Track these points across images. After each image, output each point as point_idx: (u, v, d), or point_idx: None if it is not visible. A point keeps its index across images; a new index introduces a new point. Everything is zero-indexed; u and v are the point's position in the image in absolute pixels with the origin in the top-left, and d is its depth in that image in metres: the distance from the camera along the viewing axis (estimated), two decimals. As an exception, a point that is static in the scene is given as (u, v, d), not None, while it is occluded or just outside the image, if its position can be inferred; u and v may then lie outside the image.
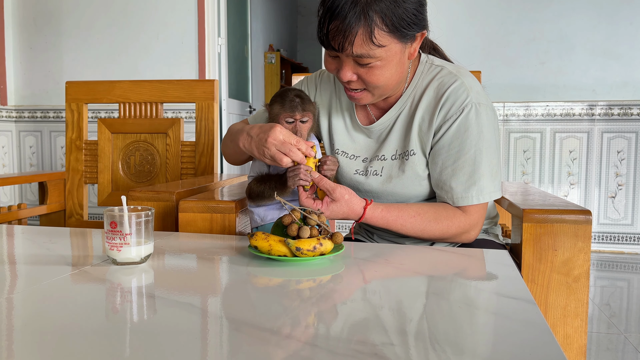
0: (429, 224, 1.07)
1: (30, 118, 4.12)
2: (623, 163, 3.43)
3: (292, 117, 1.08)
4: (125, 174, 1.90)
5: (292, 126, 1.08)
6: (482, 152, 1.07)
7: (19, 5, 4.04)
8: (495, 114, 1.11)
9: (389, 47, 0.98)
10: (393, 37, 0.98)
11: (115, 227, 0.85)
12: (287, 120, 1.08)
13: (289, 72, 6.69)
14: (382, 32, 0.96)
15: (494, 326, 0.64)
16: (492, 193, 1.08)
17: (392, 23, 0.96)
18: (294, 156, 1.00)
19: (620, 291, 2.76)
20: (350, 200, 1.03)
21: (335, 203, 1.03)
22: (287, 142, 1.00)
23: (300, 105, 1.08)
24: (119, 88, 1.91)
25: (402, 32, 0.98)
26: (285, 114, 1.08)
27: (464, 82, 1.08)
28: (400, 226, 1.08)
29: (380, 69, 1.01)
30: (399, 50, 1.01)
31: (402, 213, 1.07)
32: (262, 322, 0.62)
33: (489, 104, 1.09)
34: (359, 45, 0.96)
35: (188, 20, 3.83)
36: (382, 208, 1.07)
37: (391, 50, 0.99)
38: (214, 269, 0.89)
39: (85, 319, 0.63)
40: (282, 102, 1.08)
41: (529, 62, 3.48)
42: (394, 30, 0.97)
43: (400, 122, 1.14)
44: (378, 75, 1.02)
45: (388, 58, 1.00)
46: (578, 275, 1.05)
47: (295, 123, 1.08)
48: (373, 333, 0.59)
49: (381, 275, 0.85)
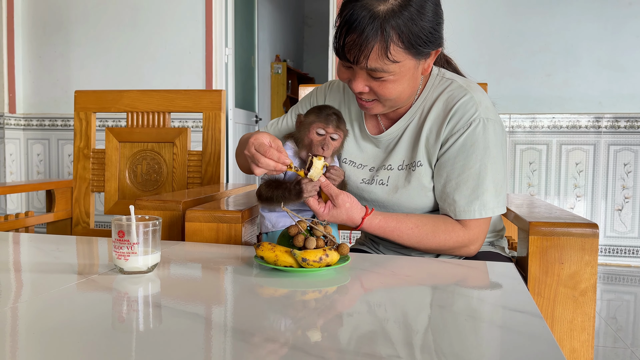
0: (426, 236, 1.08)
1: (38, 126, 4.15)
2: (630, 176, 3.41)
3: (325, 130, 1.08)
4: (132, 182, 1.91)
5: (322, 138, 1.08)
6: (487, 167, 1.07)
7: (28, 15, 4.09)
8: (503, 130, 1.11)
9: (403, 63, 0.99)
10: (408, 53, 0.98)
11: (123, 236, 0.85)
12: (319, 132, 1.08)
13: (295, 82, 6.71)
14: (398, 48, 0.96)
15: (500, 339, 0.64)
16: (495, 209, 1.08)
17: (408, 40, 0.96)
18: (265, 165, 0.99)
19: (627, 305, 2.74)
20: (350, 209, 1.05)
21: (336, 209, 1.05)
22: (257, 154, 0.99)
23: (336, 121, 1.09)
24: (126, 97, 1.92)
25: (417, 49, 0.99)
26: (318, 124, 1.08)
27: (474, 97, 1.08)
28: (397, 237, 1.09)
29: (392, 82, 1.02)
30: (412, 66, 1.02)
31: (400, 224, 1.08)
32: (268, 333, 0.62)
33: (497, 119, 1.09)
34: (374, 59, 0.97)
35: (196, 30, 3.86)
36: (380, 218, 1.08)
37: (405, 66, 1.00)
38: (220, 279, 0.90)
39: (91, 327, 0.63)
40: (319, 113, 1.09)
41: (535, 74, 3.48)
42: (409, 47, 0.97)
43: (408, 132, 1.14)
44: (390, 89, 1.02)
45: (401, 73, 1.01)
46: (585, 288, 1.04)
47: (325, 136, 1.08)
48: (379, 345, 0.59)
49: (387, 287, 0.85)
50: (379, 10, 0.94)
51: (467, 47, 3.52)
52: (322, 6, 7.08)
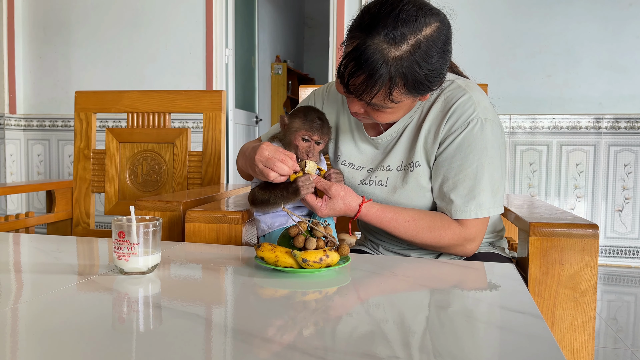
0: (422, 230, 1.08)
1: (38, 127, 4.15)
2: (630, 176, 3.41)
3: (310, 137, 1.09)
4: (132, 183, 1.91)
5: (307, 145, 1.10)
6: (484, 168, 1.07)
7: (29, 16, 4.09)
8: (502, 131, 1.11)
9: (403, 102, 1.01)
10: (409, 95, 1.00)
11: (123, 236, 0.85)
12: (304, 138, 1.09)
13: (295, 83, 6.72)
14: (400, 92, 0.98)
15: (500, 340, 0.64)
16: (492, 209, 1.08)
17: (412, 86, 0.97)
18: (280, 169, 1.03)
19: (627, 305, 2.74)
20: (346, 197, 1.08)
21: (332, 200, 1.07)
22: (272, 158, 1.04)
23: (321, 128, 1.10)
24: (127, 98, 1.93)
25: (419, 92, 1.00)
26: (303, 132, 1.09)
27: (472, 97, 1.08)
28: (393, 228, 1.09)
29: (389, 113, 1.04)
30: (411, 102, 1.04)
31: (397, 216, 1.09)
32: (268, 333, 0.62)
33: (495, 120, 1.10)
34: (377, 98, 0.98)
35: (196, 31, 3.87)
36: (377, 208, 1.09)
37: (404, 103, 1.03)
38: (220, 280, 0.90)
39: (91, 328, 0.63)
40: (304, 119, 1.10)
41: (536, 74, 3.48)
42: (412, 91, 0.99)
43: (407, 133, 1.15)
44: (385, 118, 1.05)
45: (399, 107, 1.03)
46: (585, 289, 1.04)
47: (310, 143, 1.10)
48: (379, 345, 0.59)
49: (386, 288, 0.85)
50: (391, 56, 0.93)
51: (467, 48, 3.51)
52: (322, 7, 7.08)
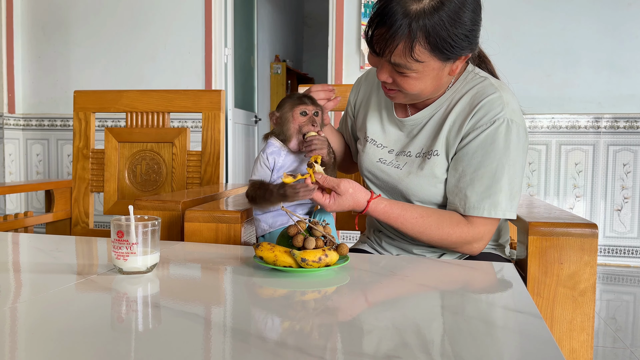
0: (429, 227, 1.08)
1: (37, 126, 4.15)
2: (629, 176, 3.42)
3: (306, 109, 1.11)
4: (132, 182, 1.91)
5: (306, 118, 1.11)
6: (504, 168, 1.05)
7: (28, 15, 4.09)
8: (526, 136, 1.09)
9: (427, 63, 1.01)
10: (433, 55, 0.99)
11: (122, 236, 0.85)
12: (302, 112, 1.11)
13: (294, 82, 6.72)
14: (423, 49, 0.98)
15: (499, 340, 0.64)
16: (507, 211, 1.07)
17: (434, 43, 0.97)
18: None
19: (626, 305, 2.74)
20: (354, 194, 1.07)
21: (341, 197, 1.06)
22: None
23: (310, 99, 1.12)
24: (126, 97, 1.92)
25: (443, 53, 1.00)
26: (298, 107, 1.11)
27: (502, 96, 1.07)
28: (400, 224, 1.09)
29: (415, 79, 1.03)
30: (437, 67, 1.03)
31: (405, 212, 1.09)
32: (267, 333, 0.62)
33: (522, 123, 1.08)
34: (398, 55, 0.99)
35: (195, 30, 3.86)
36: (385, 203, 1.09)
37: (429, 66, 1.02)
38: (219, 279, 0.90)
39: (90, 328, 0.63)
40: (291, 99, 1.12)
41: (535, 74, 3.48)
42: (435, 49, 0.98)
43: (432, 121, 1.14)
44: (412, 85, 1.04)
45: (424, 72, 1.02)
46: (584, 289, 1.04)
47: (309, 115, 1.11)
48: (378, 345, 0.59)
49: (385, 287, 0.85)
50: (412, 9, 0.96)
51: (466, 47, 3.51)
52: (321, 6, 7.08)
